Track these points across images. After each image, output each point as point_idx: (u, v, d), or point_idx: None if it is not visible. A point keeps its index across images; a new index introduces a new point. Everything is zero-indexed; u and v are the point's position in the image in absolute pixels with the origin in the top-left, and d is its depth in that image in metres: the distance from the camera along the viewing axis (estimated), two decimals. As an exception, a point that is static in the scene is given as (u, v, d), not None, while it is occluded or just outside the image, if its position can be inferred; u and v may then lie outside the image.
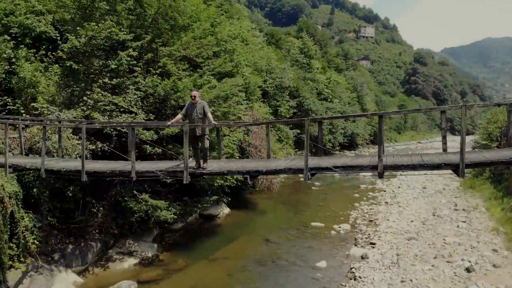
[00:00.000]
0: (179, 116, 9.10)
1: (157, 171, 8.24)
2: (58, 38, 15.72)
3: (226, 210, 20.47)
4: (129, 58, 14.26)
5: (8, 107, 12.99)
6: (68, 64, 14.05)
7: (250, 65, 28.63)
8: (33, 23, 14.22)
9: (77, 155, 12.16)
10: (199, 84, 15.69)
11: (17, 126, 11.20)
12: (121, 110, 14.01)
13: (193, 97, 8.92)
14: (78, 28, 14.20)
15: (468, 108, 6.25)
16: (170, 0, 15.87)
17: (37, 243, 10.98)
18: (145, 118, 14.20)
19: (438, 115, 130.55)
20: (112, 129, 13.30)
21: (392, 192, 25.14)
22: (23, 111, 12.82)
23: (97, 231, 13.56)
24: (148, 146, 14.11)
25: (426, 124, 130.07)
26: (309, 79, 51.14)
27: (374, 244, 14.46)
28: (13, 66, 13.31)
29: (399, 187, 26.78)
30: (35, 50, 14.84)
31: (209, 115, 8.89)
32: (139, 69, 15.01)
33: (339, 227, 17.49)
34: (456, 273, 11.02)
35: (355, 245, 14.90)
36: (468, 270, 11.06)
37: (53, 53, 14.82)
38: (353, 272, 12.17)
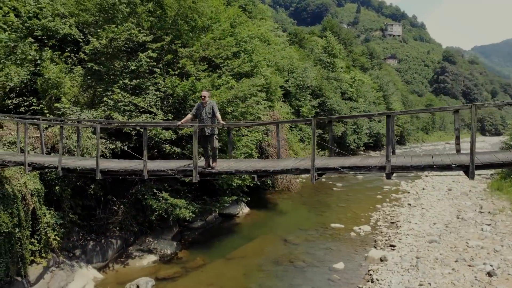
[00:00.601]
0: (189, 116, 9.25)
1: (168, 170, 8.37)
2: (82, 40, 16.13)
3: (246, 209, 20.55)
4: (148, 60, 14.51)
5: (32, 107, 13.44)
6: (89, 66, 14.42)
7: (271, 65, 28.62)
8: (56, 25, 14.64)
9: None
10: (217, 85, 15.80)
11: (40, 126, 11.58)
12: (141, 110, 14.26)
13: (202, 97, 9.05)
14: (98, 30, 14.55)
15: (479, 107, 6.07)
16: (189, 2, 16.03)
17: (58, 239, 11.34)
18: (164, 118, 14.40)
19: (467, 114, 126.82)
20: (131, 129, 13.56)
21: (416, 194, 24.64)
22: (47, 112, 13.24)
23: (117, 228, 13.87)
24: (167, 145, 14.32)
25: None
26: (332, 78, 50.63)
27: (394, 246, 14.22)
28: (38, 68, 13.76)
29: (423, 189, 26.22)
30: (60, 52, 15.28)
31: (218, 115, 8.99)
32: (159, 70, 15.24)
33: (359, 228, 17.28)
34: (477, 277, 10.70)
35: (375, 247, 14.68)
36: (489, 274, 10.73)
37: (76, 54, 15.23)
38: (370, 275, 12.01)
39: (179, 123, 9.29)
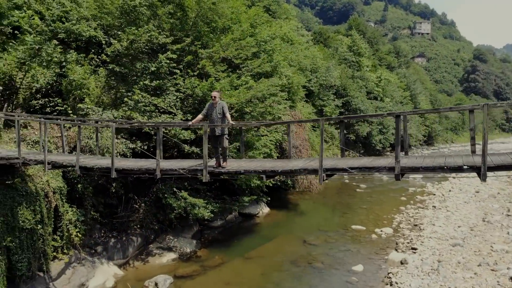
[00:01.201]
0: (200, 116, 9.39)
1: (179, 169, 8.51)
2: (106, 42, 16.50)
3: (266, 209, 20.55)
4: (168, 61, 14.72)
5: (57, 108, 13.87)
6: (111, 67, 14.75)
7: (294, 64, 28.46)
8: (79, 28, 15.05)
9: (117, 153, 12.73)
10: (236, 85, 15.87)
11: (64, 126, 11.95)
12: (161, 110, 14.49)
13: (213, 98, 9.16)
14: (119, 32, 14.87)
15: (491, 107, 5.87)
16: (209, 3, 16.16)
17: (80, 236, 11.67)
18: (183, 119, 14.60)
19: (499, 114, 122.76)
20: (151, 129, 13.80)
21: (441, 196, 24.01)
22: (70, 112, 13.62)
23: (138, 226, 14.15)
24: (186, 146, 14.50)
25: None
26: (358, 77, 49.90)
27: (415, 249, 13.94)
28: (63, 70, 14.17)
29: (450, 191, 25.52)
30: (84, 54, 15.69)
31: (228, 115, 9.09)
32: (179, 71, 15.43)
33: (381, 231, 17.00)
34: (500, 282, 10.36)
35: (396, 250, 14.42)
36: (513, 280, 10.37)
37: (99, 56, 15.61)
38: (389, 278, 11.80)
39: (190, 123, 9.46)
